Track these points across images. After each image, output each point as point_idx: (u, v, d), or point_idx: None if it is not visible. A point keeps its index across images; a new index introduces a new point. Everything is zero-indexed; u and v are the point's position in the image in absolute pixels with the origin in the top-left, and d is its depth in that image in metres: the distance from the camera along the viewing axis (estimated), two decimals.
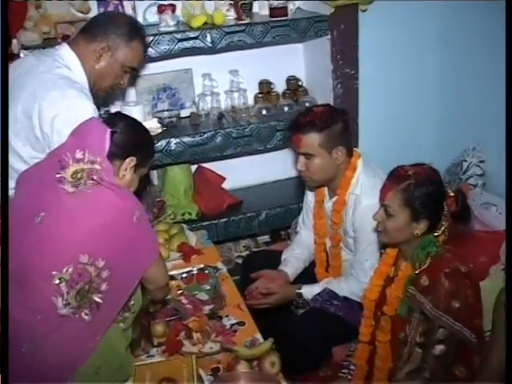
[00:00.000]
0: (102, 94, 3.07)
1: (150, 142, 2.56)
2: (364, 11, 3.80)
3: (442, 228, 2.50)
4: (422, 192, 2.45)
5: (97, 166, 2.18)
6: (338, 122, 2.97)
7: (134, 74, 3.15)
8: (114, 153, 2.28)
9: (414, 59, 4.21)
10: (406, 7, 4.05)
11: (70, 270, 2.08)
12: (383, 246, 2.72)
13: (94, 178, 2.16)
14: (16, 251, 2.15)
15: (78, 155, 2.19)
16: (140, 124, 2.53)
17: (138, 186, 2.47)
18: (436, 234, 2.49)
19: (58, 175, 2.17)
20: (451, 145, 4.10)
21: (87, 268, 2.09)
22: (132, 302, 2.32)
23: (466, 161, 3.84)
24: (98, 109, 2.92)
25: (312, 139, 2.93)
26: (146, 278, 2.34)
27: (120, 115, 2.54)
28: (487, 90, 3.73)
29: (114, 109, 3.65)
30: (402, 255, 2.59)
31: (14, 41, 3.19)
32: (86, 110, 2.63)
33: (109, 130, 2.27)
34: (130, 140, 2.36)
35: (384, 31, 4.04)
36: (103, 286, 2.14)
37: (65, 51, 2.83)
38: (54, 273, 2.07)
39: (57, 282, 2.07)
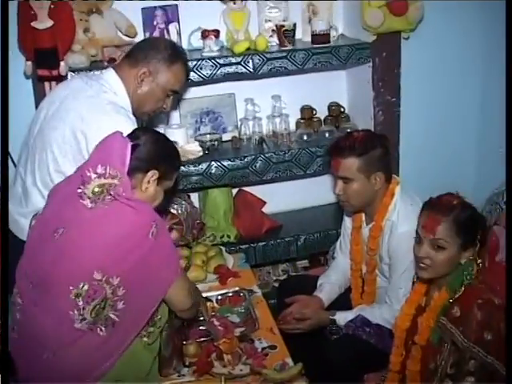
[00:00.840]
0: (145, 118, 3.13)
1: (174, 155, 2.55)
2: (406, 39, 3.80)
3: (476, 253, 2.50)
4: (468, 218, 2.47)
5: (116, 181, 2.22)
6: (377, 148, 2.98)
7: (177, 98, 3.17)
8: (135, 166, 2.31)
9: (457, 86, 4.21)
10: (449, 33, 4.06)
11: (86, 286, 2.12)
12: (417, 274, 2.70)
13: (112, 193, 2.19)
14: (38, 263, 2.23)
15: (100, 170, 2.23)
16: (164, 137, 2.56)
17: (167, 201, 2.49)
18: (471, 258, 2.49)
19: (79, 190, 2.23)
20: (493, 173, 4.05)
21: (102, 285, 2.12)
22: (159, 317, 2.35)
23: None
24: None
25: (351, 163, 2.94)
26: (165, 299, 2.36)
27: (144, 129, 2.58)
28: None
29: None
30: (435, 284, 2.57)
31: (62, 63, 3.27)
32: None
33: (129, 144, 2.30)
34: (152, 153, 2.38)
35: (427, 58, 4.05)
36: (120, 305, 2.17)
37: (110, 76, 2.90)
38: (70, 288, 2.12)
39: (73, 297, 2.12)
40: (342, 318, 3.10)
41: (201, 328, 2.83)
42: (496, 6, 3.87)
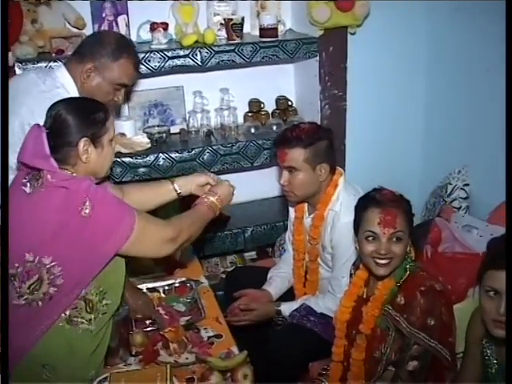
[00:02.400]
0: None
1: (91, 110, 2.42)
2: (353, 34, 3.86)
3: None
4: (411, 209, 2.55)
5: (44, 172, 2.24)
6: (323, 140, 3.02)
7: (128, 90, 3.18)
8: (61, 146, 2.32)
9: (402, 82, 4.26)
10: (395, 30, 4.11)
11: (20, 268, 2.19)
12: (354, 267, 2.75)
13: (43, 181, 2.23)
14: None
15: (27, 161, 2.28)
16: (71, 101, 2.50)
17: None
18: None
19: (24, 180, 2.28)
20: (437, 167, 4.14)
21: (35, 265, 2.18)
22: (104, 303, 2.35)
23: (450, 183, 3.87)
24: None
25: (297, 154, 2.98)
26: (131, 252, 2.36)
27: (55, 104, 2.43)
28: (474, 113, 3.78)
29: None
30: (373, 276, 2.62)
31: (9, 54, 3.23)
32: None
33: (44, 131, 2.30)
34: (70, 124, 2.33)
35: (373, 53, 4.09)
36: (58, 280, 2.21)
37: (61, 72, 2.92)
38: (10, 271, 2.20)
39: (11, 278, 2.19)
40: (287, 308, 3.14)
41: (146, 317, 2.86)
42: (440, 3, 3.95)
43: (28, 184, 2.27)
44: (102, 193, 2.32)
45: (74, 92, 2.88)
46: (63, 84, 2.88)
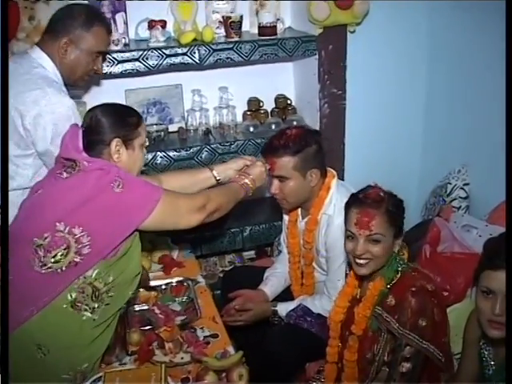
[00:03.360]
0: (81, 82, 3.13)
1: (125, 115, 2.58)
2: (352, 32, 3.85)
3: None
4: (397, 208, 2.51)
5: (80, 160, 2.36)
6: (311, 145, 2.99)
7: (104, 57, 3.20)
8: (95, 144, 2.46)
9: (402, 81, 4.26)
10: (394, 28, 4.11)
11: (49, 237, 2.27)
12: (349, 267, 2.73)
13: (80, 167, 2.35)
14: (16, 221, 2.47)
15: (66, 155, 2.42)
16: (107, 105, 2.60)
17: None
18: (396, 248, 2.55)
19: (59, 170, 2.41)
20: (437, 166, 4.13)
21: (64, 235, 2.27)
22: (110, 294, 2.39)
23: (450, 183, 3.86)
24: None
25: (286, 162, 2.96)
26: (163, 224, 2.49)
27: (92, 109, 2.60)
28: (474, 112, 3.77)
29: None
30: (366, 276, 2.60)
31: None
32: (66, 105, 2.81)
33: (80, 130, 2.46)
34: (103, 125, 2.48)
35: (372, 52, 4.09)
36: (85, 250, 2.29)
37: (36, 53, 2.93)
38: (35, 239, 2.29)
39: (35, 247, 2.28)
40: (284, 308, 3.13)
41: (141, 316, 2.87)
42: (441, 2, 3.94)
43: (64, 172, 2.39)
44: (130, 176, 2.45)
45: (52, 69, 2.91)
46: (41, 64, 2.90)
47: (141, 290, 3.01)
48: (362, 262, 2.49)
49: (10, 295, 2.29)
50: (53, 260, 2.27)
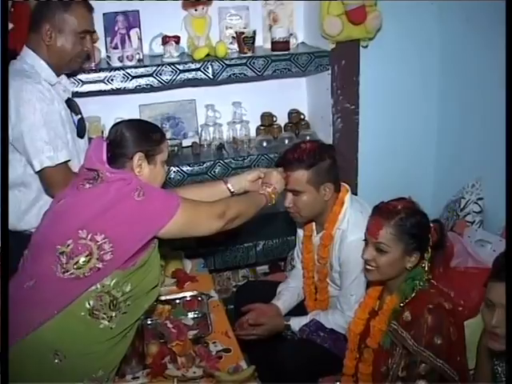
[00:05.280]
0: (75, 66, 3.13)
1: (149, 131, 2.62)
2: (365, 47, 3.86)
3: (427, 259, 2.53)
4: (413, 225, 2.48)
5: (103, 171, 2.42)
6: (325, 159, 2.99)
7: (93, 36, 3.19)
8: (119, 157, 2.50)
9: (415, 95, 4.25)
10: (407, 43, 4.11)
11: (72, 244, 2.30)
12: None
13: (102, 178, 2.42)
14: (39, 227, 2.53)
15: (90, 166, 2.48)
16: (133, 120, 2.72)
17: None
18: (423, 265, 2.52)
19: (82, 181, 2.47)
20: (450, 181, 4.11)
21: (86, 243, 2.30)
22: (127, 303, 2.40)
23: (464, 198, 3.84)
24: None
25: (300, 176, 2.96)
26: (182, 231, 2.51)
27: (118, 123, 2.66)
28: (487, 127, 3.76)
29: None
30: (386, 289, 2.60)
31: None
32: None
33: (105, 142, 2.50)
34: (127, 139, 2.52)
35: (385, 67, 4.09)
36: (107, 256, 2.32)
37: (25, 53, 2.95)
38: (58, 246, 2.32)
39: (58, 254, 2.32)
40: (297, 323, 3.12)
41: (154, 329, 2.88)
42: (454, 14, 3.93)
43: (87, 183, 2.44)
44: (152, 186, 2.50)
45: (31, 61, 2.91)
46: (25, 59, 2.92)
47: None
48: (368, 267, 2.52)
49: (31, 298, 2.34)
50: (75, 266, 2.30)
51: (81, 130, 3.10)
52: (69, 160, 2.88)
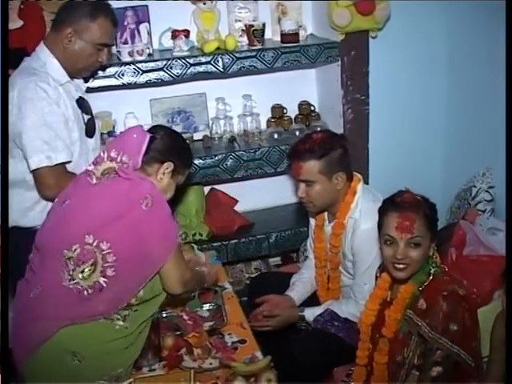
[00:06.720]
0: (85, 74, 3.15)
1: (188, 152, 2.73)
2: (374, 38, 3.85)
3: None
4: (434, 211, 2.52)
5: (125, 166, 2.41)
6: (336, 148, 3.00)
7: (109, 49, 3.17)
8: (153, 156, 2.51)
9: (424, 84, 4.26)
10: (415, 33, 4.11)
11: (78, 249, 2.29)
12: (380, 270, 2.74)
13: (117, 171, 2.39)
14: (44, 231, 2.48)
15: (113, 154, 2.44)
16: (179, 134, 2.76)
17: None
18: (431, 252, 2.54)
19: (90, 168, 2.44)
20: (461, 170, 4.11)
21: (92, 249, 2.29)
22: (134, 300, 2.41)
23: (475, 186, 3.84)
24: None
25: (312, 166, 2.97)
26: (159, 275, 2.45)
27: (162, 126, 2.76)
28: (497, 115, 3.74)
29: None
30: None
31: None
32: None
33: (148, 135, 2.50)
34: (169, 146, 2.57)
35: (394, 57, 4.09)
36: (109, 271, 2.30)
37: (40, 50, 2.98)
38: (65, 251, 2.31)
39: (65, 259, 2.30)
40: (311, 313, 3.13)
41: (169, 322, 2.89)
42: (461, 3, 3.93)
43: (93, 174, 2.43)
44: (161, 196, 2.46)
45: (44, 58, 2.94)
46: (43, 60, 2.94)
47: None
48: (401, 266, 2.47)
49: (38, 309, 2.34)
50: (80, 276, 2.30)
51: (90, 129, 3.09)
52: (68, 162, 2.89)
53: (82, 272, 2.29)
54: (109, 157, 2.44)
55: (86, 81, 3.27)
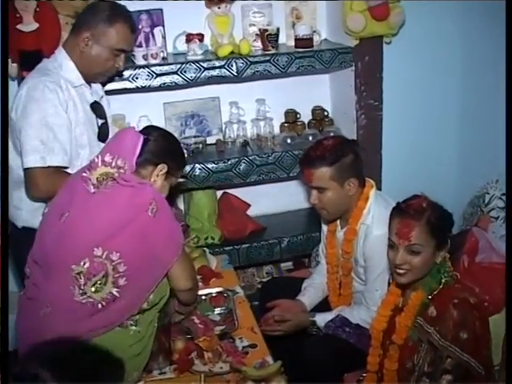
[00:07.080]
0: (101, 79, 3.18)
1: (182, 153, 2.73)
2: (388, 43, 3.85)
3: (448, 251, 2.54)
4: (440, 218, 2.49)
5: (121, 171, 2.37)
6: (348, 154, 2.99)
7: (127, 55, 3.19)
8: (146, 158, 2.49)
9: (438, 90, 4.26)
10: (430, 38, 4.12)
11: (87, 263, 2.25)
12: (392, 276, 2.72)
13: (115, 178, 2.35)
14: (44, 245, 2.40)
15: (107, 159, 2.40)
16: (172, 136, 2.72)
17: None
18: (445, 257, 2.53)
19: (85, 174, 2.39)
20: (474, 177, 4.09)
21: (103, 261, 2.26)
22: (145, 305, 2.40)
23: (488, 193, 3.82)
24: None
25: (323, 173, 2.96)
26: (168, 275, 2.45)
27: (154, 127, 2.72)
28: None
29: None
30: (410, 285, 2.60)
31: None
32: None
33: (142, 137, 2.48)
34: (163, 148, 2.56)
35: (408, 62, 4.10)
36: (121, 281, 2.29)
37: (58, 52, 3.01)
38: (73, 266, 2.27)
39: (74, 274, 2.26)
40: (322, 319, 3.13)
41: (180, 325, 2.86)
42: (474, 9, 3.92)
43: (89, 181, 2.38)
44: (163, 198, 2.46)
45: (66, 66, 2.96)
46: (59, 63, 2.97)
47: None
48: (401, 271, 2.48)
49: (51, 324, 2.29)
50: (93, 289, 2.28)
51: (103, 134, 3.10)
52: (65, 167, 2.88)
53: (94, 285, 2.27)
54: (103, 161, 2.41)
55: (103, 85, 3.29)
